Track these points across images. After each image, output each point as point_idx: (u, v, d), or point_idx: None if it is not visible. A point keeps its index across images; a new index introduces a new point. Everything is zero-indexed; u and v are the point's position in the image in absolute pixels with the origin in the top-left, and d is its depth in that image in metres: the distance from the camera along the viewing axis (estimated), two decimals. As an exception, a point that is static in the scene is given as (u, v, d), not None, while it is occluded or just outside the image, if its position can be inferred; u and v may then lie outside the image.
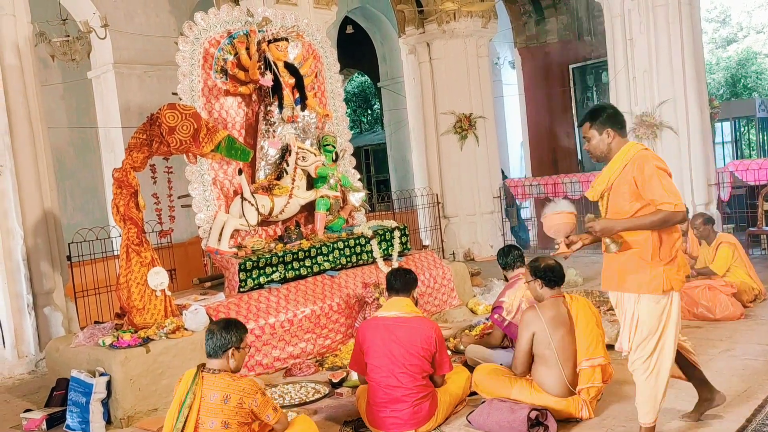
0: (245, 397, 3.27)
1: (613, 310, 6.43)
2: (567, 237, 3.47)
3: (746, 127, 18.07)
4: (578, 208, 3.65)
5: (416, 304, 4.37)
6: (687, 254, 7.16)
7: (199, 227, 6.14)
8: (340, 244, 6.56)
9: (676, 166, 9.09)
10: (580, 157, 13.78)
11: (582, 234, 3.51)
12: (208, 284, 6.64)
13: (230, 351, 3.34)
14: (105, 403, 4.68)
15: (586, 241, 3.52)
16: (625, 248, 3.41)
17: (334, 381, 5.07)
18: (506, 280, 5.20)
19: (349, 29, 12.37)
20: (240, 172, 6.21)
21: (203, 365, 3.39)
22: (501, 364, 4.53)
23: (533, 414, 3.82)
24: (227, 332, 3.35)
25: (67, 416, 4.75)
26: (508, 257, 5.15)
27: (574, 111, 13.65)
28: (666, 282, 3.37)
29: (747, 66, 24.25)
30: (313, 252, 6.33)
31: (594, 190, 3.58)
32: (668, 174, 3.37)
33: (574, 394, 4.01)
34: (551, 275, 4.15)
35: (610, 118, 3.52)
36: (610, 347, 4.33)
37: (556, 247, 3.53)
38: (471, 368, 4.64)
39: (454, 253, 11.29)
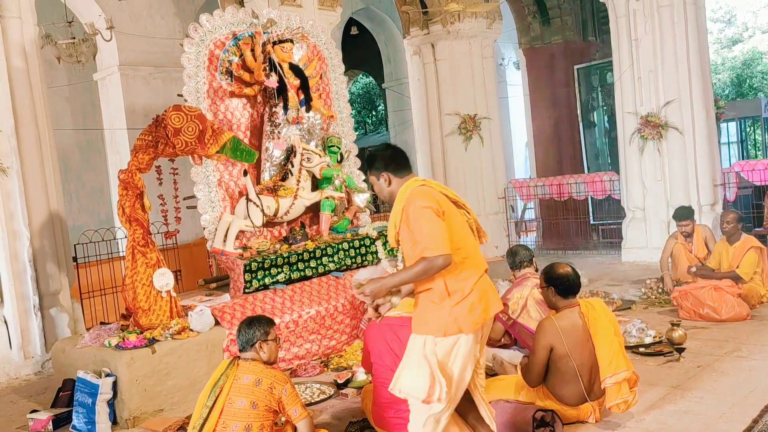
0: (276, 383, 3.47)
1: (621, 311, 6.47)
2: (373, 302, 3.34)
3: (752, 128, 18.00)
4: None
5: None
6: (693, 255, 7.15)
7: (204, 228, 6.15)
8: (345, 245, 6.56)
9: (681, 167, 9.08)
10: (585, 157, 13.75)
11: (386, 296, 3.34)
12: (214, 285, 6.66)
13: (257, 344, 3.62)
14: (111, 404, 4.70)
15: (397, 301, 3.39)
16: (417, 290, 3.24)
17: (339, 382, 5.08)
18: (515, 278, 5.20)
19: (354, 30, 12.35)
20: (245, 173, 6.22)
21: (238, 357, 3.66)
22: (502, 361, 4.52)
23: (539, 414, 3.80)
24: (250, 328, 3.66)
25: (74, 417, 4.77)
26: (516, 257, 5.16)
27: (579, 112, 13.61)
28: (451, 324, 3.08)
29: (752, 66, 24.17)
30: (318, 253, 6.34)
31: (390, 237, 3.38)
32: (434, 211, 3.08)
33: (589, 401, 3.92)
34: (565, 284, 3.96)
35: (382, 160, 3.33)
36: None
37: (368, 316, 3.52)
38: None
39: (459, 254, 11.25)
